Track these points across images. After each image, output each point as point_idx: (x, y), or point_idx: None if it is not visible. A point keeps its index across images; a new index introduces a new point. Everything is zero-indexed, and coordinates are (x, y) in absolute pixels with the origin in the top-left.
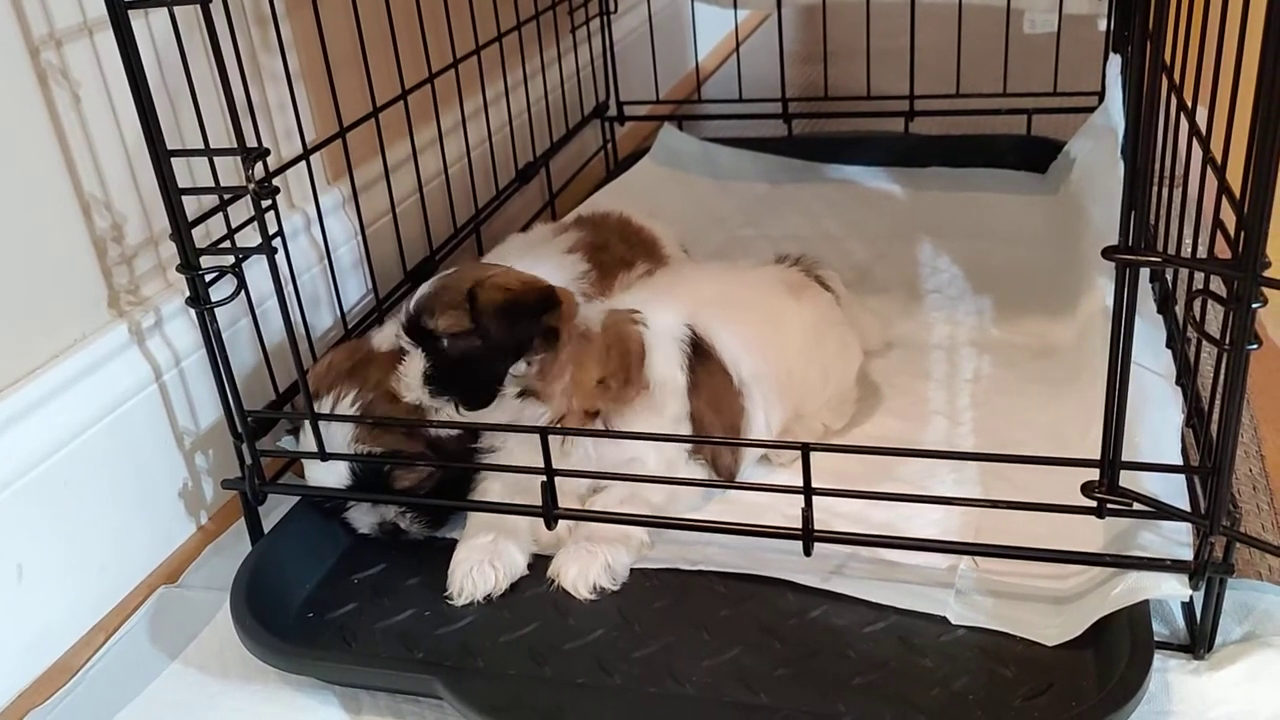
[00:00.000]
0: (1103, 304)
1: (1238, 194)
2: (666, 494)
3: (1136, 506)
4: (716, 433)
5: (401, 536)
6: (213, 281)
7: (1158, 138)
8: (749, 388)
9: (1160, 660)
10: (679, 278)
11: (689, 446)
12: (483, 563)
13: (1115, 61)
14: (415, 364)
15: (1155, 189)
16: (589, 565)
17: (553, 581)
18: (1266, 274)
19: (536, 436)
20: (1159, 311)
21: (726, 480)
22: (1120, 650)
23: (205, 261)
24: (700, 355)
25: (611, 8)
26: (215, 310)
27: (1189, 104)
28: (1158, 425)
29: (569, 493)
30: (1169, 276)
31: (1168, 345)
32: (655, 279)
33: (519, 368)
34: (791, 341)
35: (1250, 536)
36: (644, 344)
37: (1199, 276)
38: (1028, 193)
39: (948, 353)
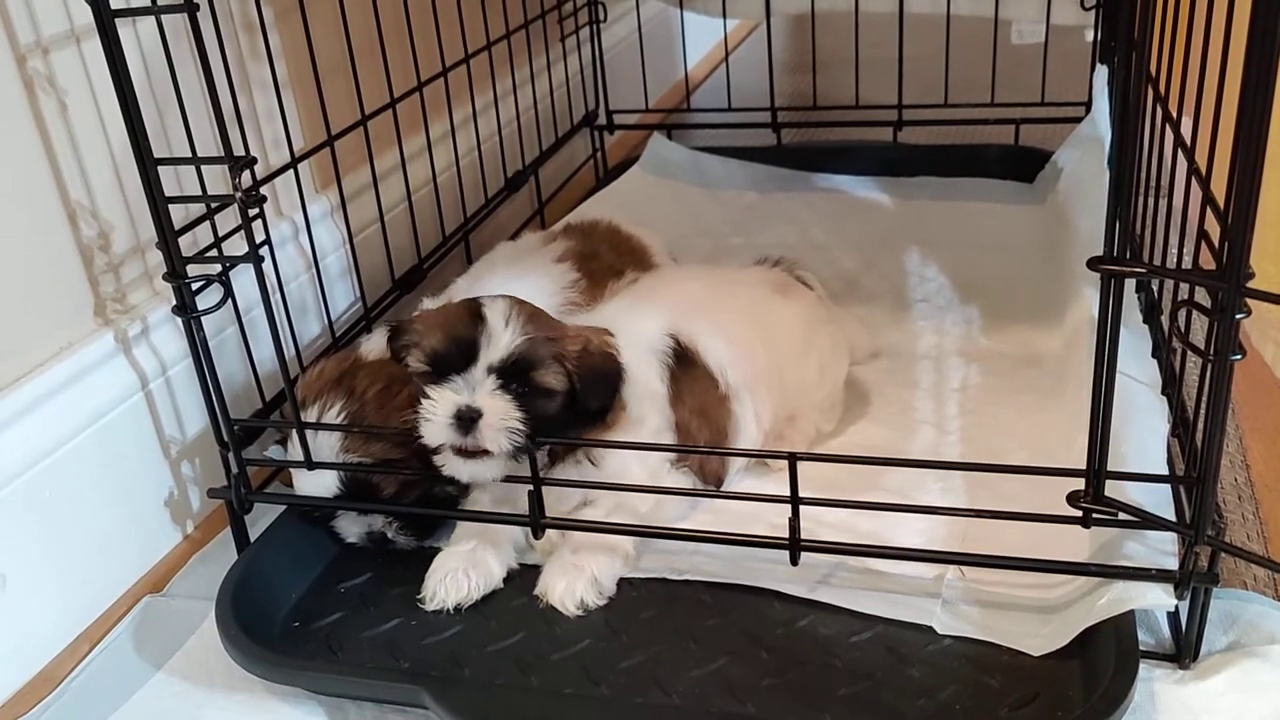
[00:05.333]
0: (1089, 314)
1: (1222, 205)
2: (652, 503)
3: (1122, 516)
4: (703, 440)
5: (389, 546)
6: (199, 290)
7: (1143, 148)
8: (737, 392)
9: (1146, 670)
10: (662, 282)
11: (673, 456)
12: (458, 571)
13: (1102, 72)
14: (502, 406)
15: (1140, 199)
16: (575, 581)
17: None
18: (1250, 285)
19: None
20: (1144, 321)
21: (715, 487)
22: (1106, 660)
23: (192, 270)
24: (684, 363)
25: (601, 16)
26: (202, 319)
27: (1174, 115)
28: (1143, 435)
29: (558, 508)
30: (1154, 286)
31: (1153, 355)
32: (639, 285)
33: None
34: (783, 340)
35: (1235, 546)
36: None
37: (1184, 287)
38: (1015, 202)
39: (935, 362)
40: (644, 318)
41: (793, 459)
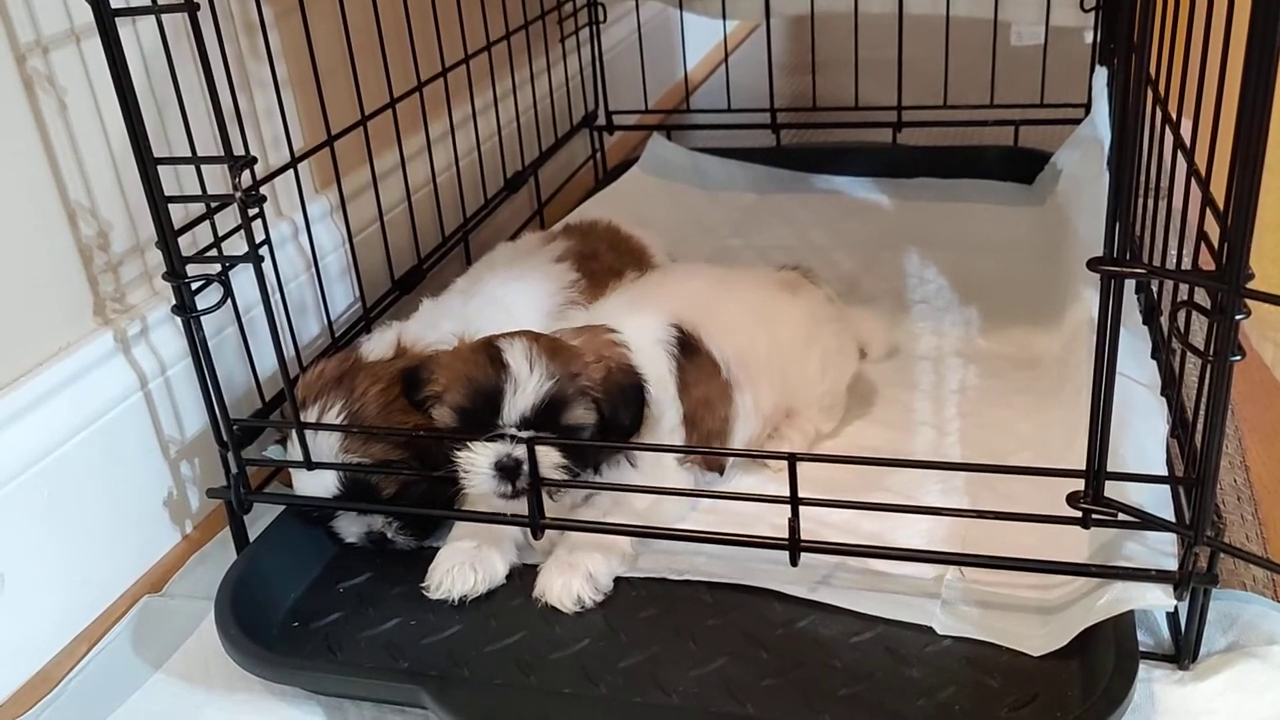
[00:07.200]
0: (1088, 315)
1: (1221, 206)
2: (650, 501)
3: (1121, 517)
4: (710, 427)
5: (388, 546)
6: (199, 289)
7: (1143, 150)
8: (735, 376)
9: (1145, 670)
10: (666, 277)
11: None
12: (464, 564)
13: (1101, 74)
14: (541, 450)
15: (1140, 201)
16: (572, 579)
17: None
18: (1249, 286)
19: None
20: (1144, 322)
21: (718, 474)
22: (1105, 660)
23: (191, 269)
24: (688, 353)
25: (601, 17)
26: (201, 318)
27: (1174, 116)
28: (1143, 436)
29: (555, 507)
30: (1154, 287)
31: (1153, 356)
32: (641, 280)
33: None
34: (785, 333)
35: (1234, 547)
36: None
37: (1183, 288)
38: (1014, 204)
39: (935, 363)
40: (647, 311)
41: (793, 460)
